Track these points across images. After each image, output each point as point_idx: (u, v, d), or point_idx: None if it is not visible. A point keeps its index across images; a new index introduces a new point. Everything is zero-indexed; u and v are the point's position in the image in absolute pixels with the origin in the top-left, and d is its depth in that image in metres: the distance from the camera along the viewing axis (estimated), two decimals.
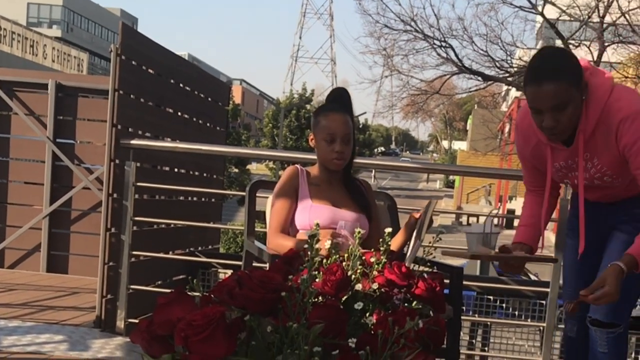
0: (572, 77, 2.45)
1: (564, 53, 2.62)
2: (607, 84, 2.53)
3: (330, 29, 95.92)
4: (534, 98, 2.47)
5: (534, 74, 2.47)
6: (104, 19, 58.09)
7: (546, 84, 2.42)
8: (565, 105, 2.44)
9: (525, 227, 2.88)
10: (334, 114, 2.89)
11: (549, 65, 2.47)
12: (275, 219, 2.86)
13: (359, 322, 1.85)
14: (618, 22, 15.71)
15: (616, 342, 2.69)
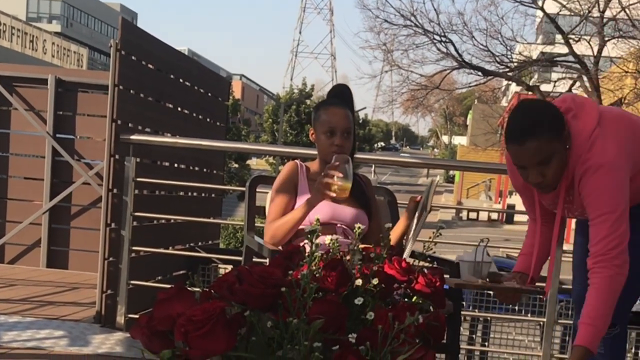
0: (552, 130, 2.43)
1: (543, 105, 2.61)
2: (588, 129, 2.48)
3: (330, 24, 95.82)
4: (516, 156, 2.47)
5: (514, 132, 2.45)
6: (103, 14, 58.02)
7: (528, 142, 2.40)
8: (549, 159, 2.44)
9: (525, 256, 2.86)
10: (335, 108, 2.89)
11: (528, 122, 2.44)
12: (273, 212, 2.86)
13: (359, 317, 1.85)
14: (618, 16, 15.70)
15: (612, 342, 2.67)
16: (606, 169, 2.45)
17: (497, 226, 36.67)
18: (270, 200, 2.93)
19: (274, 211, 2.86)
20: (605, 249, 2.39)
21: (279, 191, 2.89)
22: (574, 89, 17.50)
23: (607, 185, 2.44)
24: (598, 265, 2.40)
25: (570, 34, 16.12)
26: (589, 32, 16.68)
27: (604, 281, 2.38)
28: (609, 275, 2.38)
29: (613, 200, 2.44)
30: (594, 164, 2.44)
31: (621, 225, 2.41)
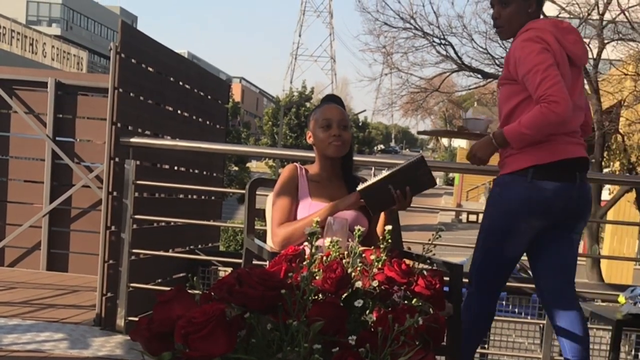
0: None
1: None
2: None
3: (329, 27, 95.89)
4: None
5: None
6: (103, 17, 58.05)
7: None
8: (507, 3, 2.96)
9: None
10: (329, 104, 2.92)
11: None
12: (277, 215, 2.85)
13: (358, 319, 1.85)
14: (618, 19, 15.70)
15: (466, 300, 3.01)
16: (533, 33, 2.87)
17: None
18: (273, 203, 2.92)
19: (279, 214, 2.85)
20: (542, 92, 2.74)
21: (280, 194, 2.89)
22: None
23: (533, 48, 2.82)
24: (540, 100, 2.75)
25: None
26: (588, 34, 16.67)
27: (541, 110, 2.73)
28: (542, 112, 2.73)
29: (540, 55, 2.80)
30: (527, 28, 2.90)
31: (551, 70, 2.77)
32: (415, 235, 4.75)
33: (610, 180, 11.73)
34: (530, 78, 2.79)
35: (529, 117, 2.76)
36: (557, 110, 2.70)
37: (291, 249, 2.12)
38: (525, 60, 2.82)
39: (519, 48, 2.87)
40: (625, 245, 22.11)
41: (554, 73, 2.77)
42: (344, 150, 2.91)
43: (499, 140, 2.87)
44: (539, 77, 2.76)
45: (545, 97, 2.73)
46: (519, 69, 2.85)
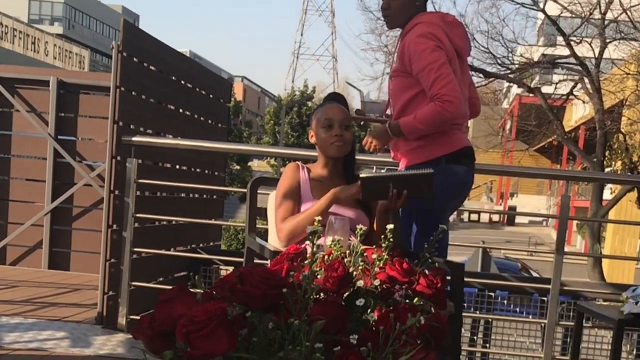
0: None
1: None
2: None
3: (332, 26, 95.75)
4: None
5: None
6: (105, 16, 58.07)
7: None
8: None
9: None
10: (331, 104, 2.93)
11: None
12: (281, 212, 2.84)
13: (360, 318, 1.85)
14: (620, 18, 15.68)
15: None
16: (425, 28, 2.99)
17: (498, 228, 36.67)
18: (277, 201, 2.91)
19: (283, 212, 2.85)
20: (436, 91, 2.89)
21: (283, 192, 2.89)
22: (575, 91, 17.49)
23: (428, 46, 2.95)
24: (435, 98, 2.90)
25: (571, 36, 16.10)
26: (590, 34, 16.66)
27: (436, 109, 2.89)
28: (437, 111, 2.89)
29: (435, 54, 2.94)
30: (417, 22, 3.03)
31: (444, 68, 2.92)
32: None
33: (612, 180, 11.73)
34: (425, 75, 2.94)
35: (424, 114, 2.93)
36: (451, 110, 2.90)
37: (293, 248, 2.12)
38: (420, 57, 2.95)
39: (413, 43, 2.99)
40: (627, 244, 22.11)
41: (447, 72, 2.93)
42: (345, 150, 2.91)
43: (394, 132, 3.04)
44: (434, 75, 2.91)
45: (439, 96, 2.89)
46: (414, 64, 2.98)
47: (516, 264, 17.96)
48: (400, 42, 3.13)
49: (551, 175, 11.69)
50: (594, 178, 12.83)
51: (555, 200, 34.85)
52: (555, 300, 4.11)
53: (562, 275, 4.12)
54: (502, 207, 40.09)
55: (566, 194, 4.02)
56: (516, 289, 5.38)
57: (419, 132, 2.98)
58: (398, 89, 3.12)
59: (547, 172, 15.96)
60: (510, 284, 5.38)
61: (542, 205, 39.36)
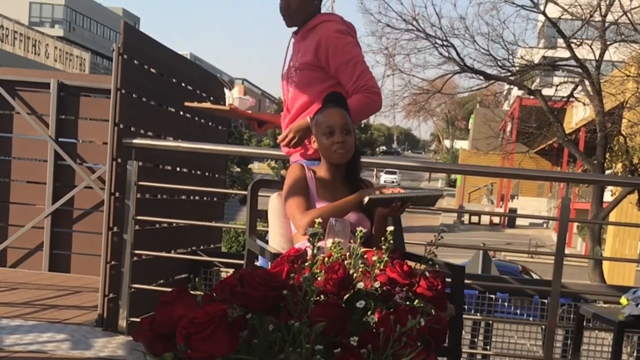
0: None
1: None
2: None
3: None
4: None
5: None
6: (106, 18, 58.10)
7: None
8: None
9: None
10: (330, 109, 2.90)
11: None
12: (297, 205, 2.81)
13: (360, 320, 1.85)
14: (620, 20, 15.69)
15: None
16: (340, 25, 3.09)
17: (498, 230, 36.66)
18: (287, 196, 2.88)
19: (299, 203, 2.81)
20: (363, 82, 3.02)
21: (296, 187, 2.85)
22: (575, 93, 17.49)
23: (349, 40, 3.06)
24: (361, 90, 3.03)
25: (572, 38, 16.11)
26: (590, 36, 16.67)
27: (365, 100, 3.02)
28: (367, 102, 3.03)
29: (356, 48, 3.07)
30: (325, 19, 3.11)
31: (366, 63, 3.07)
32: (417, 237, 4.75)
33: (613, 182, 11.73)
34: (349, 68, 3.03)
35: (353, 105, 2.97)
36: (378, 101, 3.06)
37: (293, 250, 2.12)
38: (343, 50, 3.04)
39: (333, 38, 3.06)
40: (627, 246, 22.10)
41: (368, 66, 3.07)
42: (347, 156, 2.89)
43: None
44: (360, 68, 3.04)
45: (367, 87, 3.02)
46: (334, 58, 3.04)
47: (516, 266, 17.95)
48: (301, 39, 3.19)
49: (551, 177, 11.69)
50: (594, 180, 12.82)
51: (555, 202, 34.85)
52: (555, 302, 4.11)
53: (562, 277, 4.12)
54: (502, 209, 40.08)
55: (566, 196, 4.02)
56: (516, 291, 5.38)
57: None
58: (306, 82, 3.15)
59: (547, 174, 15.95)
60: (511, 286, 5.37)
61: (543, 207, 39.35)
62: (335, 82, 3.09)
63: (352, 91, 3.04)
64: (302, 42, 3.19)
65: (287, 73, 3.28)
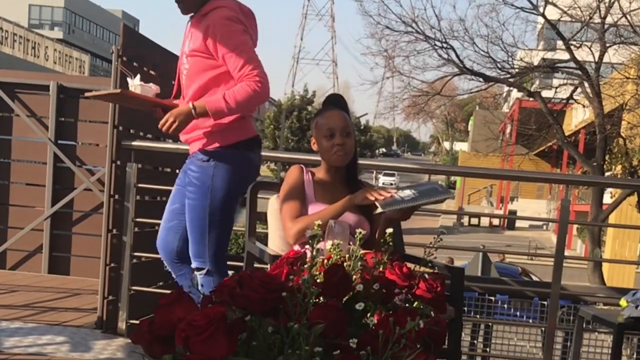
0: None
1: None
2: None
3: (331, 30, 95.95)
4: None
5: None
6: (105, 21, 58.12)
7: None
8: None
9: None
10: (330, 111, 2.91)
11: None
12: (289, 211, 2.82)
13: (360, 322, 1.85)
14: (619, 22, 15.71)
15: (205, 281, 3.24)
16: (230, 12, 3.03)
17: (498, 232, 36.67)
18: (282, 201, 2.89)
19: (291, 210, 2.83)
20: (248, 71, 2.96)
21: (289, 192, 2.87)
22: (575, 94, 17.50)
23: (237, 28, 3.02)
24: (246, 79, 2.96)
25: (571, 40, 16.13)
26: (590, 38, 16.69)
27: (248, 89, 2.95)
28: (249, 91, 2.95)
29: (244, 36, 3.03)
30: (218, 5, 3.03)
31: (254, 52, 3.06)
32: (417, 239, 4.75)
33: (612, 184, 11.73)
34: (234, 56, 2.99)
35: (236, 93, 2.96)
36: (263, 90, 2.98)
37: (292, 252, 2.12)
38: (229, 38, 3.00)
39: (220, 25, 3.02)
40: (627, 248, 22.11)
41: (256, 55, 3.05)
42: (347, 159, 2.90)
43: (200, 112, 3.01)
44: (245, 56, 2.99)
45: (251, 76, 2.96)
46: (221, 45, 3.01)
47: (516, 268, 17.96)
48: (195, 25, 3.13)
49: (551, 179, 11.70)
50: (594, 182, 12.85)
51: (555, 204, 34.85)
52: (555, 304, 4.11)
53: (562, 279, 4.12)
54: (502, 211, 40.10)
55: (566, 198, 4.01)
56: (516, 293, 5.38)
57: (229, 111, 2.99)
58: (197, 69, 3.12)
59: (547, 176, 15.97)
60: (510, 288, 5.37)
61: (542, 209, 39.37)
62: (226, 70, 3.05)
63: (237, 79, 3.00)
64: (194, 28, 3.14)
65: (180, 60, 3.27)
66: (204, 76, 3.10)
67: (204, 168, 3.14)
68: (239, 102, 2.96)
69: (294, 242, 2.77)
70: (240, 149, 3.14)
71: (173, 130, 3.07)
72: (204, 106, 2.99)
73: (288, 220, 2.81)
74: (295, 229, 2.76)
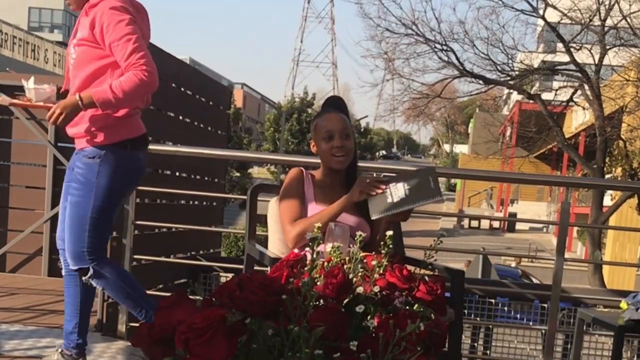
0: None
1: None
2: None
3: (331, 33, 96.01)
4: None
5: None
6: None
7: None
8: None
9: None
10: (330, 113, 2.90)
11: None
12: (288, 213, 2.82)
13: (360, 325, 1.85)
14: (619, 25, 15.71)
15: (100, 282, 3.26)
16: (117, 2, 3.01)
17: (498, 234, 36.69)
18: (281, 203, 2.89)
19: (290, 213, 2.82)
20: (135, 61, 2.93)
21: (289, 194, 2.87)
22: (575, 97, 17.50)
23: (124, 17, 3.00)
24: (132, 69, 2.94)
25: (571, 43, 16.12)
26: (590, 40, 16.68)
27: (135, 78, 2.92)
28: (136, 81, 2.92)
29: (131, 26, 2.99)
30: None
31: (141, 41, 3.00)
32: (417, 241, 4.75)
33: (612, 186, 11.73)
34: (121, 45, 2.96)
35: (123, 83, 2.93)
36: (150, 80, 2.94)
37: (292, 254, 2.12)
38: (116, 27, 2.98)
39: (107, 14, 3.00)
40: (627, 251, 22.10)
41: (144, 45, 3.01)
42: (347, 161, 2.90)
43: (86, 103, 2.98)
44: (132, 46, 2.95)
45: (138, 65, 2.93)
46: (108, 35, 2.99)
47: (517, 270, 17.96)
48: (84, 15, 3.13)
49: (551, 181, 11.70)
50: (594, 184, 12.83)
51: (555, 207, 34.85)
52: (555, 307, 4.10)
53: (562, 282, 4.12)
54: (502, 213, 40.10)
55: (566, 200, 4.01)
56: (516, 295, 5.37)
57: (116, 102, 2.97)
58: (84, 58, 3.10)
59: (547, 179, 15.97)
60: (511, 291, 5.37)
61: (542, 211, 39.38)
62: (113, 60, 3.03)
63: (124, 68, 2.97)
64: (83, 18, 3.14)
65: (67, 50, 3.26)
66: (91, 66, 3.08)
67: (89, 165, 3.12)
68: (126, 91, 2.93)
69: (293, 246, 2.77)
70: (127, 148, 3.13)
71: (61, 122, 3.08)
72: (91, 97, 2.97)
73: (287, 224, 2.81)
74: (294, 232, 2.76)
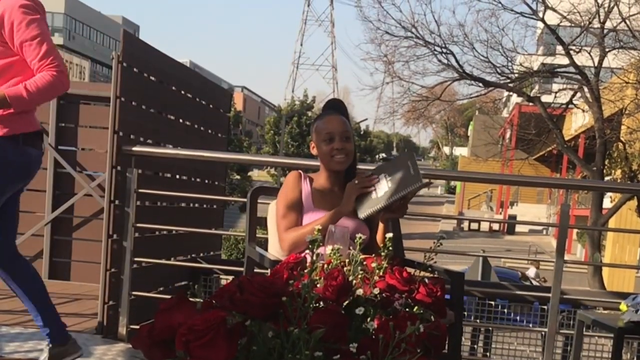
0: None
1: None
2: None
3: (331, 36, 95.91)
4: None
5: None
6: (105, 27, 58.18)
7: None
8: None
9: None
10: (330, 116, 2.91)
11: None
12: (284, 221, 2.84)
13: (360, 327, 1.86)
14: (619, 27, 15.72)
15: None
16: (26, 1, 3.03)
17: (498, 237, 36.67)
18: (278, 210, 2.90)
19: (286, 220, 2.84)
20: (49, 61, 2.98)
21: (287, 201, 2.88)
22: (574, 99, 17.52)
23: (35, 17, 3.03)
24: (46, 69, 2.99)
25: (570, 45, 16.14)
26: (589, 43, 16.70)
27: (51, 78, 2.97)
28: (52, 81, 2.97)
29: (43, 26, 3.05)
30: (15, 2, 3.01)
31: (52, 42, 3.06)
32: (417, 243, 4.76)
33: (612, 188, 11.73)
34: (33, 45, 2.99)
35: (38, 82, 2.97)
36: (64, 80, 3.02)
37: (292, 257, 2.12)
38: (28, 27, 3.00)
39: (18, 12, 3.01)
40: (627, 252, 22.10)
41: (54, 46, 3.05)
42: (347, 163, 2.90)
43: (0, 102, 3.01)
44: (45, 46, 3.00)
45: (53, 66, 2.99)
46: (17, 34, 3.00)
47: (516, 273, 17.96)
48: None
49: (551, 183, 11.70)
50: (594, 186, 12.85)
51: (555, 209, 34.85)
52: (555, 309, 4.11)
53: (562, 284, 4.12)
54: (501, 215, 40.09)
55: (566, 202, 4.02)
56: (516, 298, 5.38)
57: (30, 99, 2.99)
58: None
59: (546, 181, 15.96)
60: (510, 293, 5.37)
61: (542, 213, 39.36)
62: (19, 59, 3.05)
63: (37, 69, 3.01)
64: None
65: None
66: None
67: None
68: (41, 90, 2.98)
69: (286, 254, 2.78)
70: (19, 142, 3.11)
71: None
72: (3, 95, 2.98)
73: (281, 231, 2.83)
74: (286, 243, 2.79)
